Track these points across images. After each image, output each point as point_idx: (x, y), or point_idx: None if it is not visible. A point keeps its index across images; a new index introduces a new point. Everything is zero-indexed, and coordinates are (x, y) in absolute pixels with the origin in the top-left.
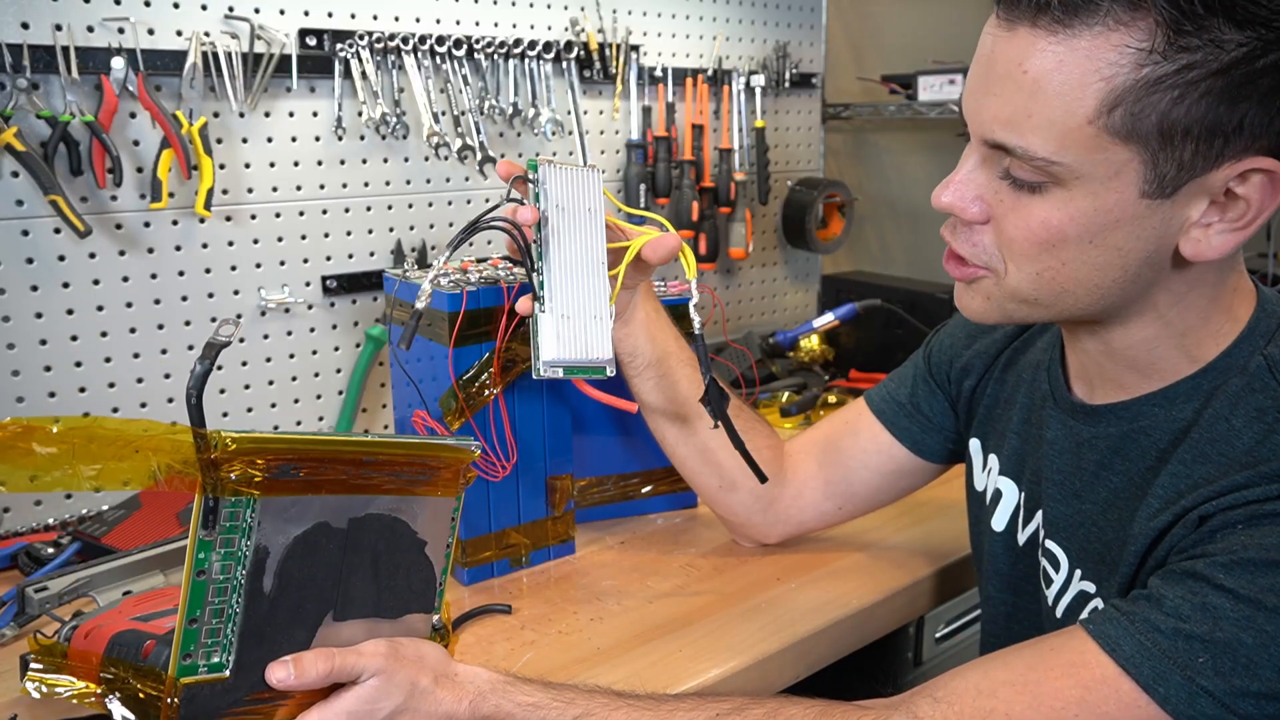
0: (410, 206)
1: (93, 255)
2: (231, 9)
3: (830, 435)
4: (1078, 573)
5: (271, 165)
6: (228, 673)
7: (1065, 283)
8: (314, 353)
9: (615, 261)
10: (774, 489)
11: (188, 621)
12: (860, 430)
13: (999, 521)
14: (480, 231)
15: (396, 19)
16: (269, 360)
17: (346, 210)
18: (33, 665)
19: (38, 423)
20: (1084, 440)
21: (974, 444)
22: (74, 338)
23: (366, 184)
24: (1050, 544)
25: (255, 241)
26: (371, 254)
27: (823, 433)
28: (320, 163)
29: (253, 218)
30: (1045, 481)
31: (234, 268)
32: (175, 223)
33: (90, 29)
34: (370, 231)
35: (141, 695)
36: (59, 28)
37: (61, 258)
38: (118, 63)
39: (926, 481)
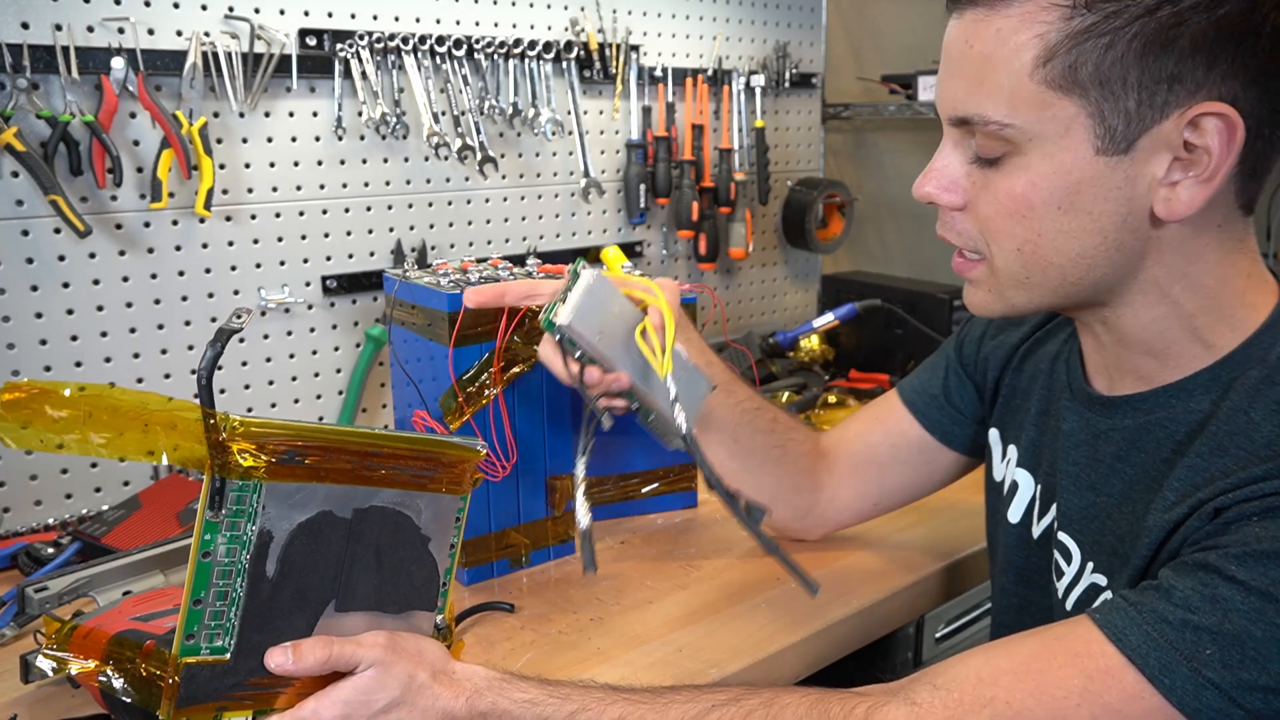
0: (410, 206)
1: (93, 255)
2: (231, 9)
3: (861, 432)
4: (1090, 565)
5: (271, 165)
6: (228, 655)
7: (1047, 254)
8: (314, 353)
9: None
10: (809, 496)
11: (192, 602)
12: (891, 425)
13: (1015, 513)
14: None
15: (396, 19)
16: (269, 360)
17: (346, 210)
18: (46, 648)
19: (51, 386)
20: (1100, 432)
21: (993, 434)
22: (74, 338)
23: (366, 184)
24: (1063, 536)
25: (255, 241)
26: (371, 254)
27: (854, 429)
28: (320, 163)
29: (253, 218)
30: (1061, 474)
31: (234, 268)
32: (175, 223)
33: (90, 29)
34: (370, 231)
35: (144, 673)
36: (59, 28)
37: (61, 258)
38: (118, 63)
39: (961, 474)
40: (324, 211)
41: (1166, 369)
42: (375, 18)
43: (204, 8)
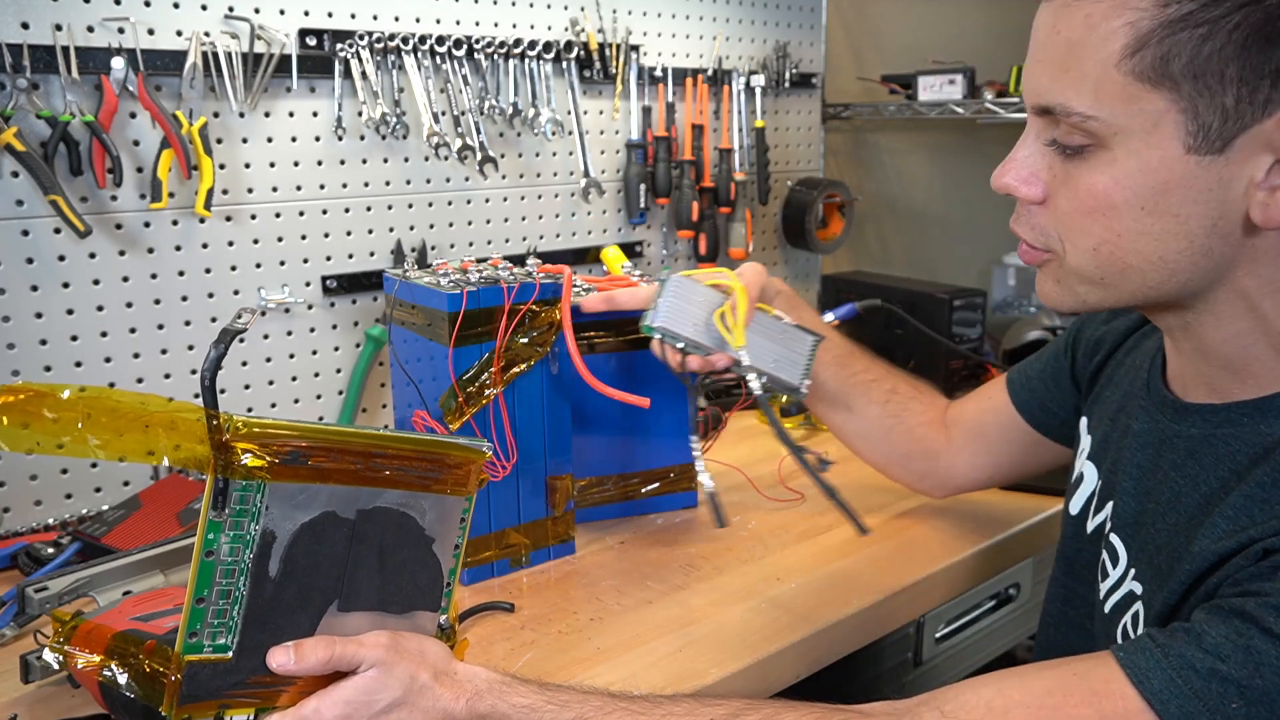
0: (410, 206)
1: (93, 255)
2: (231, 9)
3: (975, 410)
4: (1132, 571)
5: (271, 165)
6: (231, 654)
7: (1126, 256)
8: (314, 353)
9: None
10: (923, 462)
11: (195, 601)
12: (999, 406)
13: (1075, 505)
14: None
15: (396, 19)
16: (269, 360)
17: (346, 210)
18: (52, 642)
19: (49, 388)
20: (1166, 438)
21: (1084, 422)
22: (74, 338)
23: (366, 184)
24: (1114, 538)
25: (255, 241)
26: (371, 254)
27: (972, 405)
28: (320, 163)
29: (253, 218)
30: (1122, 474)
31: (234, 268)
32: (175, 223)
33: (90, 29)
34: (370, 231)
35: (147, 669)
36: (59, 28)
37: (61, 258)
38: (118, 63)
39: (1063, 457)
40: (324, 211)
41: (1244, 386)
42: (375, 18)
43: (204, 8)
